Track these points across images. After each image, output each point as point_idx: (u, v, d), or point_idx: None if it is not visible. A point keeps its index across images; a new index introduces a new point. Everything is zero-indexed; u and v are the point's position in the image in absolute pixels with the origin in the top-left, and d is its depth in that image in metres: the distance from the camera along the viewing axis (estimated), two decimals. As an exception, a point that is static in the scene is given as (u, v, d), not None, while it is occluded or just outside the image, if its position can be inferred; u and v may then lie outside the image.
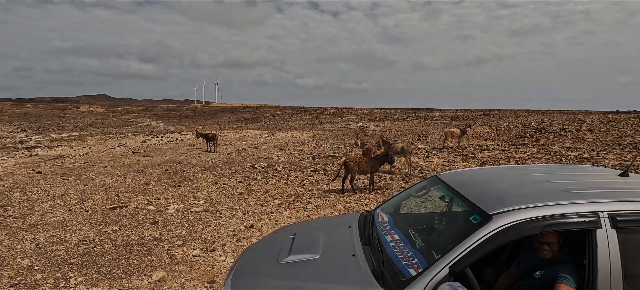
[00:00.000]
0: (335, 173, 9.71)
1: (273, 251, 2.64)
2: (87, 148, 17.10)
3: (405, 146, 10.57)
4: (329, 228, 2.94)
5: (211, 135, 15.29)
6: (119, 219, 6.55)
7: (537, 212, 1.98)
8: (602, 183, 2.44)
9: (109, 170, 11.37)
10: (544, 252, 2.18)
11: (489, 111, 41.07)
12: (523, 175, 2.70)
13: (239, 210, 7.14)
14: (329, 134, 22.63)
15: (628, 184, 2.42)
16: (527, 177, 2.62)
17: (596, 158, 11.51)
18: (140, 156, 14.27)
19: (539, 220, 1.96)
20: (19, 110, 65.62)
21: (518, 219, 1.97)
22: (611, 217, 1.95)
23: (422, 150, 14.37)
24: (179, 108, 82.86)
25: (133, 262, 4.78)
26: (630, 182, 2.46)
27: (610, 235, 1.92)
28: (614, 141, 14.54)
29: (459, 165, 11.24)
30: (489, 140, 16.86)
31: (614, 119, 23.18)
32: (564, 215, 1.97)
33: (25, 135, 25.32)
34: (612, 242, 1.91)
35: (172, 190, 8.70)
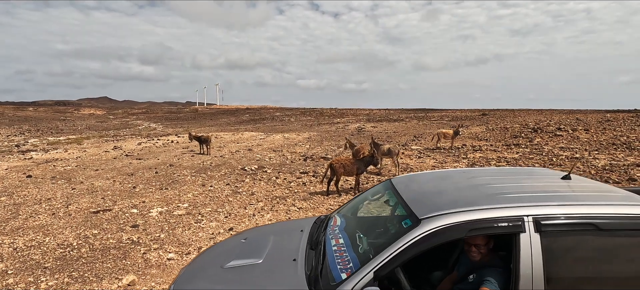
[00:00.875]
0: (323, 175, 9.73)
1: (222, 256, 2.68)
2: (82, 151, 17.22)
3: (392, 147, 10.59)
4: (281, 232, 2.97)
5: (204, 138, 15.36)
6: (101, 223, 6.60)
7: (462, 217, 2.01)
8: (540, 187, 2.46)
9: (100, 173, 11.45)
10: (473, 254, 2.21)
11: (488, 111, 40.95)
12: (468, 179, 2.72)
13: (221, 213, 7.18)
14: (325, 136, 22.66)
15: (566, 187, 2.43)
16: (470, 181, 2.63)
17: (588, 158, 11.48)
18: (133, 159, 14.35)
19: (464, 224, 1.99)
20: (20, 114, 66.07)
21: (444, 224, 1.99)
22: (535, 221, 1.97)
23: (415, 151, 14.37)
24: (179, 110, 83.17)
25: (107, 266, 4.83)
26: (571, 185, 2.47)
27: (534, 239, 1.94)
28: (608, 141, 14.48)
29: (449, 166, 11.24)
30: (484, 141, 16.84)
31: (612, 118, 23.09)
32: (488, 219, 1.99)
33: (23, 138, 25.51)
34: (535, 246, 1.93)
35: (159, 193, 8.75)
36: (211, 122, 48.61)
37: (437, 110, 49.52)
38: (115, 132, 32.49)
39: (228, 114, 62.52)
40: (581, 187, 2.42)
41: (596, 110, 37.09)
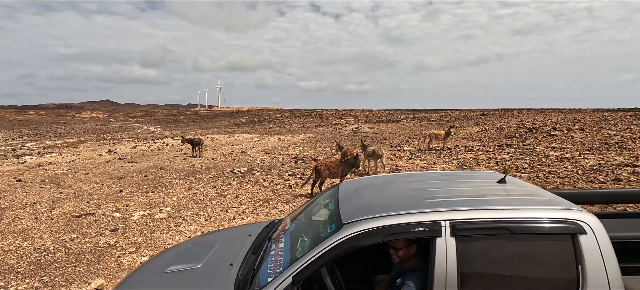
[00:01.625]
0: (307, 177, 9.79)
1: (168, 260, 2.74)
2: (76, 155, 17.35)
3: (376, 149, 10.70)
4: (230, 237, 3.03)
5: (196, 140, 15.45)
6: (81, 227, 6.68)
7: (380, 222, 2.05)
8: (471, 191, 2.49)
9: (90, 177, 11.55)
10: (393, 257, 2.27)
11: (487, 111, 40.85)
12: (408, 183, 2.75)
13: (202, 216, 7.24)
14: (321, 138, 22.71)
15: (495, 191, 2.46)
16: (409, 186, 2.67)
17: (577, 158, 11.46)
18: (125, 162, 14.46)
19: (381, 229, 2.03)
20: (21, 118, 66.55)
21: (362, 229, 2.04)
22: (452, 225, 2.00)
23: (407, 153, 14.39)
24: (180, 112, 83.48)
25: (79, 270, 4.90)
26: (500, 189, 2.50)
27: (449, 243, 1.98)
28: (601, 140, 14.45)
29: (438, 167, 11.26)
30: (477, 142, 16.83)
31: (609, 117, 23.00)
32: (405, 224, 2.03)
33: (21, 142, 25.72)
34: (450, 250, 1.97)
35: (144, 197, 8.83)
36: (210, 124, 48.79)
37: (436, 110, 49.47)
38: (113, 135, 32.68)
39: (228, 116, 62.71)
40: (509, 191, 2.45)
41: (596, 109, 36.93)
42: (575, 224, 1.95)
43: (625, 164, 10.16)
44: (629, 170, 9.49)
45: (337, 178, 8.91)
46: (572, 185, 8.56)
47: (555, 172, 9.90)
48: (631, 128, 17.30)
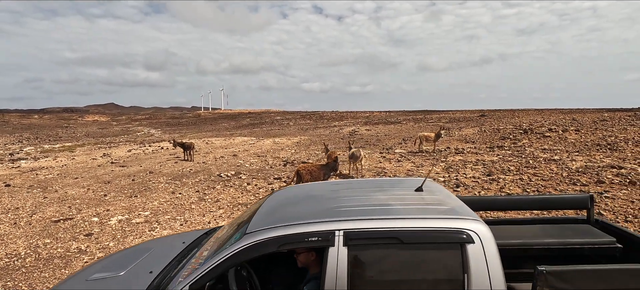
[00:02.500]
0: (290, 180, 9.90)
1: (98, 268, 2.82)
2: (71, 159, 17.57)
3: (355, 152, 10.84)
4: (164, 245, 3.10)
5: (188, 144, 15.58)
6: (57, 232, 6.80)
7: (276, 232, 2.12)
8: (383, 200, 2.53)
9: (78, 181, 11.71)
10: (298, 263, 2.34)
11: (488, 112, 40.66)
12: (330, 192, 2.80)
13: (178, 220, 7.33)
14: (316, 140, 22.76)
15: (407, 200, 2.50)
16: (328, 195, 2.72)
17: (565, 160, 11.40)
18: (116, 167, 14.62)
19: (276, 239, 2.10)
20: (24, 121, 67.40)
21: (260, 239, 2.11)
22: (345, 235, 2.05)
23: (397, 155, 14.40)
24: (182, 115, 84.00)
25: (44, 276, 5.00)
26: (415, 198, 2.54)
27: (342, 252, 2.03)
28: (594, 141, 14.35)
29: (424, 170, 11.27)
30: (471, 143, 16.78)
31: (608, 117, 22.81)
32: (300, 234, 2.09)
33: (20, 147, 26.08)
34: (341, 258, 2.02)
35: (127, 201, 8.95)
36: (211, 126, 49.06)
37: (436, 111, 49.33)
38: (112, 139, 32.99)
39: (229, 118, 63.01)
40: (419, 200, 2.49)
41: (597, 109, 36.60)
42: (465, 233, 1.99)
43: (612, 166, 10.10)
44: (614, 173, 9.43)
45: (318, 181, 8.97)
46: (553, 187, 8.54)
47: (540, 174, 9.87)
48: (627, 129, 17.16)
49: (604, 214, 6.59)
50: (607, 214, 6.55)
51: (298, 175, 8.79)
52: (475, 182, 9.48)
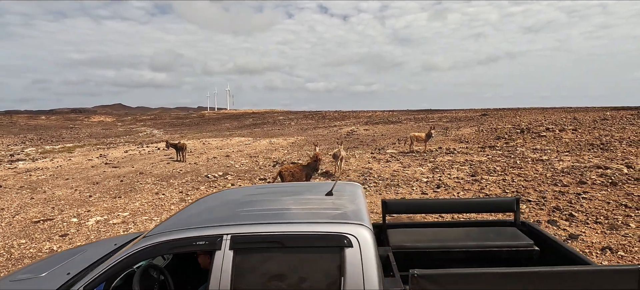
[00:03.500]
0: (273, 181, 10.03)
1: (29, 269, 2.95)
2: (67, 160, 17.91)
3: (336, 152, 11.01)
4: (97, 247, 3.23)
5: (180, 145, 15.80)
6: (35, 232, 7.00)
7: (168, 237, 2.24)
8: (287, 204, 2.62)
9: (68, 182, 11.96)
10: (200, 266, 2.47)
11: (490, 111, 40.36)
12: (246, 196, 2.90)
13: (155, 221, 7.49)
14: (311, 140, 22.85)
15: (311, 204, 2.59)
16: (243, 199, 2.82)
17: (553, 160, 11.34)
18: (109, 167, 14.88)
19: (165, 243, 2.22)
20: (31, 122, 68.61)
21: (152, 243, 2.23)
22: (232, 239, 2.15)
23: (388, 155, 14.43)
24: (186, 116, 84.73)
25: (10, 275, 5.17)
26: (322, 202, 2.62)
27: (227, 256, 2.13)
28: (589, 141, 14.22)
29: (410, 170, 11.29)
30: (464, 143, 16.74)
31: (611, 116, 22.55)
32: (188, 239, 2.21)
33: (22, 147, 26.61)
34: (227, 261, 2.12)
35: (110, 202, 9.14)
36: (213, 127, 49.45)
37: (438, 111, 49.07)
38: (114, 139, 33.47)
39: (232, 118, 63.41)
40: (317, 205, 2.57)
41: (602, 108, 36.10)
42: (346, 237, 2.07)
43: (598, 166, 10.02)
44: (598, 173, 9.37)
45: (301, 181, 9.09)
46: (534, 188, 8.52)
47: (524, 174, 9.85)
48: (626, 128, 16.96)
49: (576, 214, 6.58)
50: (580, 216, 6.55)
51: (280, 176, 8.91)
52: (458, 183, 9.50)
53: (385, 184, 9.74)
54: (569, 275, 1.87)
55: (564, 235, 5.72)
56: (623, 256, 4.93)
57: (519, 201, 3.27)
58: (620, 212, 6.64)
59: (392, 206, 3.32)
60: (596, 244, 5.33)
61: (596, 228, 5.99)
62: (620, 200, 7.20)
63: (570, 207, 7.07)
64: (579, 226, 6.10)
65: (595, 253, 5.08)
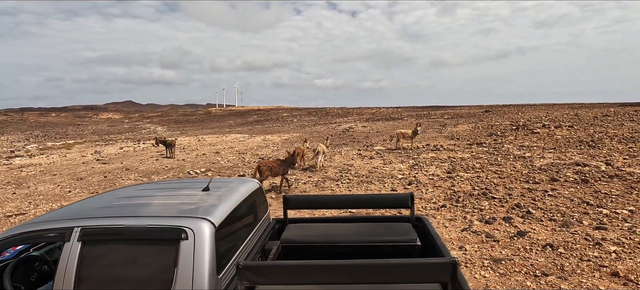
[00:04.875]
0: (251, 176, 10.24)
1: None
2: (62, 156, 18.40)
3: (317, 148, 11.18)
4: None
5: (169, 142, 16.09)
6: (4, 226, 7.29)
7: (23, 229, 2.39)
8: (158, 198, 2.73)
9: (55, 178, 12.33)
10: None
11: (494, 107, 39.86)
12: (133, 192, 3.04)
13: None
14: (307, 137, 22.96)
15: (176, 198, 2.70)
16: (120, 194, 2.96)
17: (535, 157, 11.24)
18: (99, 164, 15.26)
19: (18, 236, 2.37)
20: (41, 119, 70.28)
21: (12, 234, 2.39)
22: (82, 231, 2.28)
23: (374, 152, 14.46)
24: (193, 113, 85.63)
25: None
26: (187, 197, 2.74)
27: (75, 247, 2.26)
28: (580, 138, 14.01)
29: (389, 167, 11.32)
30: (455, 140, 16.64)
31: (614, 112, 22.14)
32: (39, 231, 2.35)
33: (25, 144, 27.36)
34: (73, 253, 2.25)
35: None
36: (216, 124, 49.94)
37: (443, 107, 48.65)
38: (116, 136, 34.12)
39: (237, 115, 63.91)
40: (181, 199, 2.68)
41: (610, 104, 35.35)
42: (184, 231, 2.18)
43: (577, 164, 9.91)
44: (575, 170, 9.27)
45: (278, 176, 9.34)
46: (504, 185, 8.48)
47: (501, 171, 9.80)
48: (624, 125, 16.65)
49: (533, 212, 6.56)
50: (537, 213, 6.52)
51: (259, 171, 9.13)
52: (431, 179, 9.51)
53: (358, 181, 9.81)
54: (384, 268, 1.93)
55: (513, 232, 5.73)
56: (562, 253, 4.93)
57: (414, 197, 3.33)
58: (580, 209, 6.60)
59: (292, 202, 3.42)
60: (541, 241, 5.33)
61: (548, 225, 5.97)
62: (584, 198, 7.14)
63: (532, 204, 7.04)
64: (532, 223, 6.09)
65: (535, 250, 5.08)
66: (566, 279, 4.30)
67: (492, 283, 4.32)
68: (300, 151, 12.05)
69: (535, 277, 4.39)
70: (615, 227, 5.67)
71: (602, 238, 5.28)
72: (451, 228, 6.11)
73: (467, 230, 5.92)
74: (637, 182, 7.93)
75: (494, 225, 6.11)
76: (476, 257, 4.97)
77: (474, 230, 5.92)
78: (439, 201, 7.61)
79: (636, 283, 4.12)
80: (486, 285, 4.27)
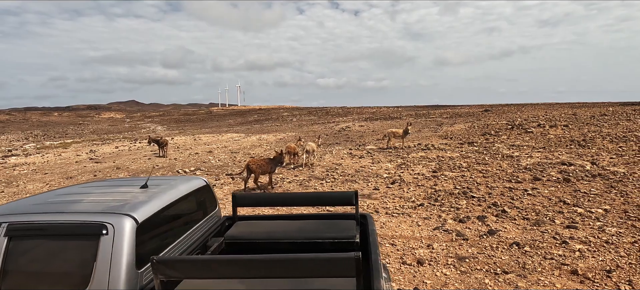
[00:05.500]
0: (239, 174, 10.47)
1: None
2: (57, 155, 18.58)
3: (306, 146, 11.39)
4: None
5: (162, 141, 16.21)
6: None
7: None
8: (95, 195, 2.80)
9: (45, 177, 12.48)
10: None
11: (494, 106, 39.75)
12: (79, 189, 3.10)
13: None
14: (301, 136, 23.03)
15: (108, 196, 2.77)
16: (57, 192, 3.03)
17: (523, 156, 11.24)
18: (91, 163, 15.40)
19: None
20: (43, 119, 70.85)
21: None
22: (8, 227, 2.36)
23: (364, 151, 14.50)
24: (194, 112, 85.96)
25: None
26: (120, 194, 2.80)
27: (1, 242, 2.33)
28: (572, 138, 13.98)
29: (377, 166, 11.36)
30: (448, 139, 16.65)
31: (612, 111, 22.04)
32: None
33: (23, 143, 27.64)
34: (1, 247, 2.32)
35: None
36: (216, 123, 50.16)
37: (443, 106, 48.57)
38: (114, 135, 34.37)
39: (238, 114, 64.14)
40: (113, 196, 2.74)
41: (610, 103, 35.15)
42: (104, 226, 2.25)
43: (563, 163, 9.90)
44: (559, 170, 9.27)
45: (267, 174, 9.49)
46: (486, 184, 8.50)
47: (486, 170, 9.82)
48: (619, 124, 16.59)
49: (509, 211, 6.58)
50: (513, 212, 6.54)
51: (248, 169, 9.27)
52: (415, 179, 9.54)
53: (343, 180, 9.86)
54: (292, 262, 1.99)
55: (484, 231, 5.76)
56: (527, 251, 4.96)
57: (358, 195, 3.39)
58: (555, 208, 6.61)
59: (240, 199, 3.49)
60: (509, 239, 5.36)
61: (521, 224, 5.99)
62: (563, 197, 7.15)
63: (510, 203, 7.06)
64: (505, 222, 6.11)
65: (502, 248, 5.11)
66: (525, 277, 4.33)
67: (452, 281, 4.37)
68: (291, 149, 12.16)
69: (495, 275, 4.43)
70: (586, 226, 5.69)
71: (570, 237, 5.30)
72: (424, 226, 6.15)
73: (439, 229, 5.96)
74: (618, 181, 7.92)
75: (466, 224, 6.14)
76: (442, 256, 5.01)
77: (446, 228, 5.96)
78: (417, 200, 7.65)
79: (593, 281, 4.15)
80: (445, 283, 4.32)
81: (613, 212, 6.20)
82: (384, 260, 4.97)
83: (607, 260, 4.57)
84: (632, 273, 4.24)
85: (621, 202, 6.66)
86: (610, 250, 4.84)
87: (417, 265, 4.76)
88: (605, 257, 4.64)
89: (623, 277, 4.17)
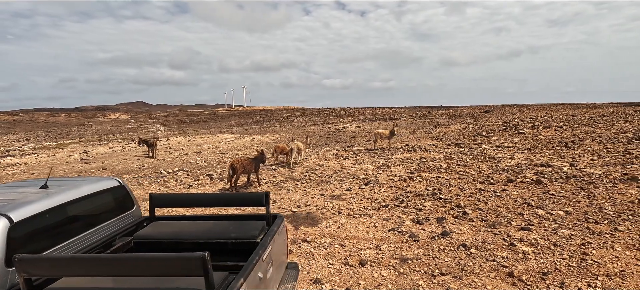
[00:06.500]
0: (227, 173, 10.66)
1: None
2: (51, 156, 18.93)
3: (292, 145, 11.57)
4: None
5: (151, 142, 16.42)
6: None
7: None
8: None
9: (31, 177, 12.73)
10: None
11: (496, 107, 39.42)
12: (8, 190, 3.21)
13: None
14: (295, 137, 23.12)
15: (9, 197, 2.86)
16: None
17: (504, 158, 11.16)
18: (82, 164, 15.67)
19: None
20: (50, 120, 72.05)
21: None
22: None
23: (350, 152, 14.52)
24: (198, 113, 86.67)
25: None
26: (18, 195, 2.89)
27: None
28: (562, 139, 13.83)
29: (357, 167, 11.38)
30: (438, 140, 16.58)
31: (612, 112, 21.75)
32: None
33: (24, 143, 28.17)
34: None
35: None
36: (218, 124, 50.52)
37: (446, 107, 48.29)
38: (114, 136, 34.84)
39: (240, 115, 64.53)
40: (5, 196, 2.84)
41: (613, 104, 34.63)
42: None
43: (542, 164, 9.82)
44: (536, 171, 9.20)
45: (250, 173, 9.67)
46: (458, 186, 8.48)
47: (463, 172, 9.78)
48: (614, 125, 16.38)
49: (470, 212, 6.57)
50: (474, 213, 6.53)
51: (232, 168, 9.41)
52: (391, 179, 9.55)
53: (318, 181, 9.91)
54: (136, 261, 2.05)
55: (438, 232, 5.76)
56: (472, 253, 4.95)
57: (268, 196, 3.45)
58: (518, 210, 6.58)
59: (157, 200, 3.57)
60: (459, 241, 5.35)
61: (477, 225, 5.98)
62: (529, 199, 7.11)
63: (474, 204, 7.05)
64: (462, 224, 6.11)
65: (448, 250, 5.12)
66: (460, 278, 4.34)
67: (387, 282, 4.39)
68: (280, 149, 12.32)
69: (432, 276, 4.44)
70: (541, 228, 5.66)
71: (521, 239, 5.29)
72: (380, 228, 6.17)
73: (394, 231, 5.97)
74: (590, 183, 7.85)
75: (423, 226, 6.14)
76: (386, 257, 5.03)
77: (402, 230, 5.97)
78: (384, 201, 7.66)
79: (525, 283, 4.14)
80: (379, 284, 4.34)
81: (573, 214, 6.16)
82: (328, 261, 5.01)
83: (547, 263, 4.55)
84: (567, 276, 4.22)
85: (585, 204, 6.60)
86: (555, 252, 4.82)
87: (358, 267, 4.79)
88: (547, 260, 4.62)
89: (557, 280, 4.16)
